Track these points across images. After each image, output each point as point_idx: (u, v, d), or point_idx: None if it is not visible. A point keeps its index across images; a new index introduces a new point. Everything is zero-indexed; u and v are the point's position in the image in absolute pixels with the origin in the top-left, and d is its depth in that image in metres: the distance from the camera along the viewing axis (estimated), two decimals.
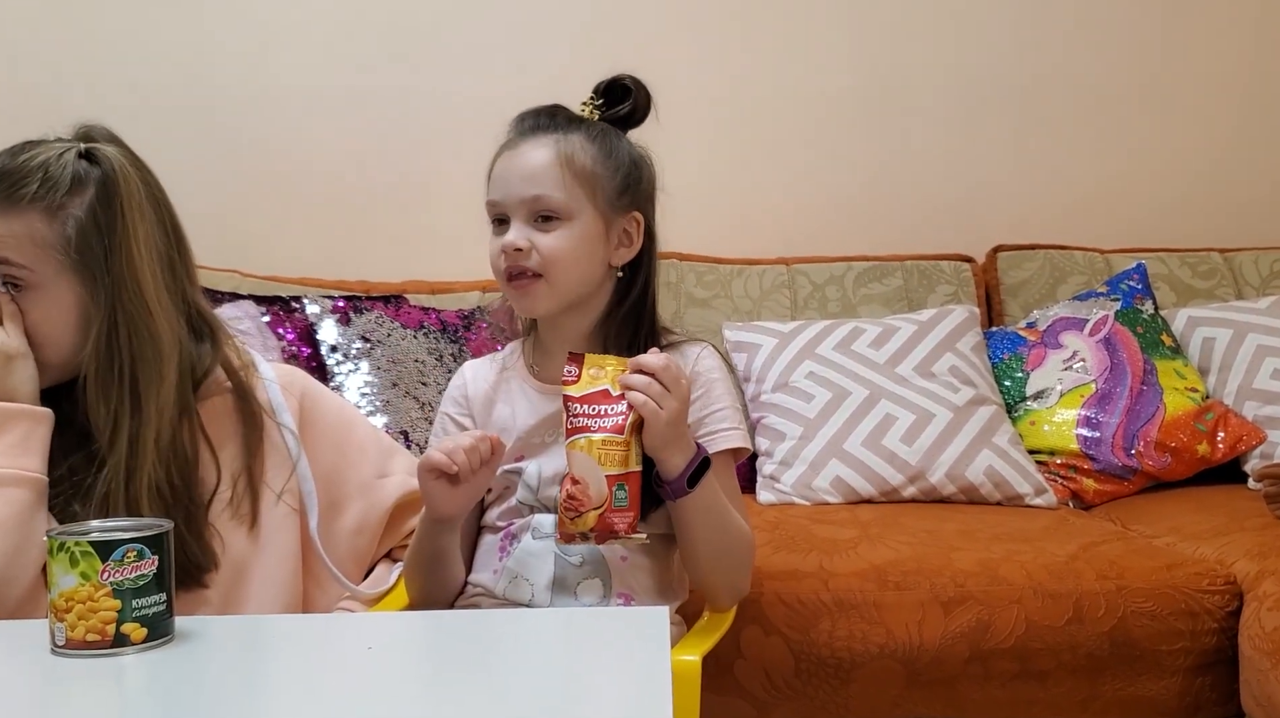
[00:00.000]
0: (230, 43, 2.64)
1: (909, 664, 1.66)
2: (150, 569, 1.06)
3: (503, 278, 1.41)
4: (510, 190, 1.39)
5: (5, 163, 1.31)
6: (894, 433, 2.15)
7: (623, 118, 1.45)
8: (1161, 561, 1.75)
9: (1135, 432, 2.22)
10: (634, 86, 1.45)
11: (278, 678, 1.04)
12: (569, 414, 1.28)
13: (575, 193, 1.38)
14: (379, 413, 2.13)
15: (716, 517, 1.36)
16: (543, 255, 1.37)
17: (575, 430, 1.27)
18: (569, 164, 1.38)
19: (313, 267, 2.42)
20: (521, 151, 1.40)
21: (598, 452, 1.26)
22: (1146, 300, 2.43)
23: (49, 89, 2.58)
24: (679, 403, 1.26)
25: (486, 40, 2.68)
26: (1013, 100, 2.77)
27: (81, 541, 1.04)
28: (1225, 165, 2.80)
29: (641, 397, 1.25)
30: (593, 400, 1.28)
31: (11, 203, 1.29)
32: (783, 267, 2.58)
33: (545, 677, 1.01)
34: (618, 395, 1.27)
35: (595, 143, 1.40)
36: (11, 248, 1.30)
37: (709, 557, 1.39)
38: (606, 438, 1.26)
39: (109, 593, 1.04)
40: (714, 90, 2.70)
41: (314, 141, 2.65)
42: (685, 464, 1.30)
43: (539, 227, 1.38)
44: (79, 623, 1.04)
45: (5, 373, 1.29)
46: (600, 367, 1.29)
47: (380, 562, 1.56)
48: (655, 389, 1.25)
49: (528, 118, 1.43)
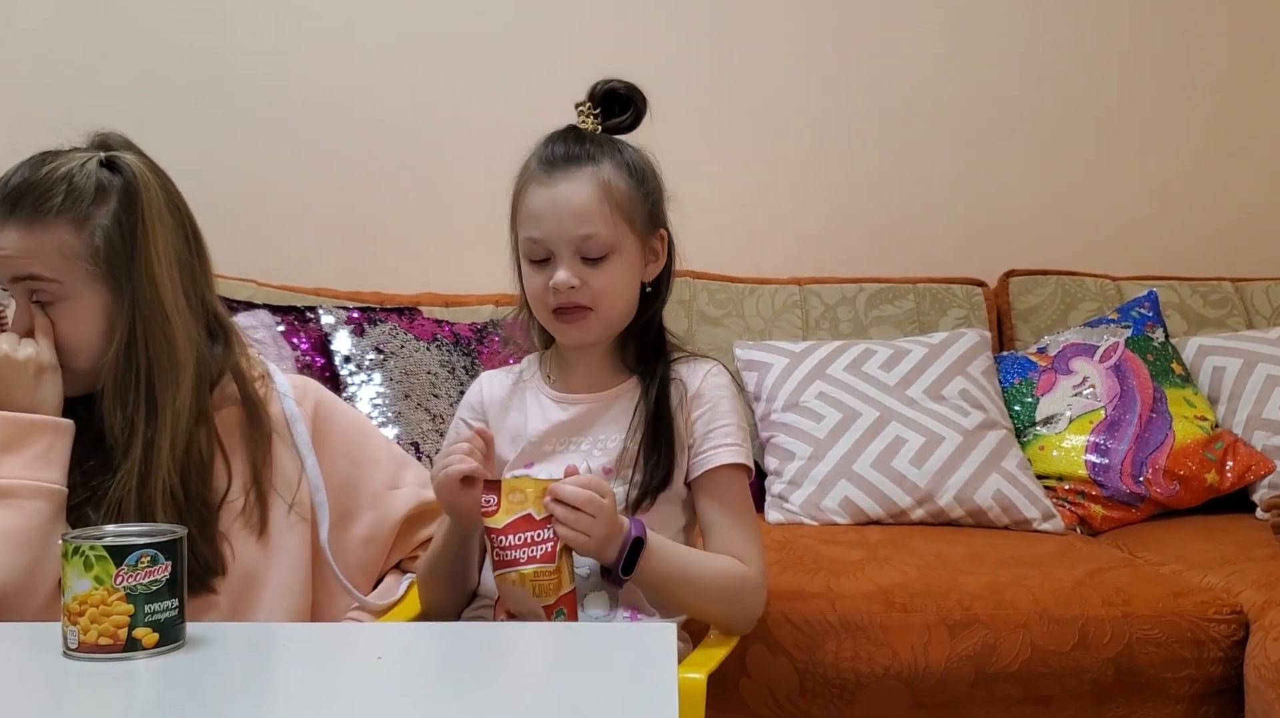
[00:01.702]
0: (248, 54, 2.66)
1: (914, 686, 1.66)
2: (163, 575, 1.07)
3: (547, 312, 1.41)
4: (559, 228, 1.38)
5: (28, 176, 1.32)
6: (903, 455, 2.15)
7: (623, 128, 1.46)
8: (1168, 588, 1.76)
9: (1144, 459, 2.22)
10: (630, 94, 1.45)
11: (287, 686, 1.05)
12: (494, 547, 1.28)
13: (620, 226, 1.39)
14: (391, 424, 2.14)
15: (676, 579, 1.37)
16: (595, 291, 1.38)
17: (504, 564, 1.27)
18: (609, 197, 1.38)
19: (328, 278, 2.44)
20: (561, 189, 1.38)
21: (530, 584, 1.27)
22: (1157, 328, 2.44)
23: (68, 99, 2.60)
24: (605, 525, 1.28)
25: (503, 54, 2.70)
26: (1028, 126, 2.78)
27: (96, 545, 1.05)
28: (1238, 195, 2.81)
29: (568, 531, 1.27)
30: (517, 529, 1.28)
31: (38, 216, 1.30)
32: (795, 287, 2.59)
33: (551, 691, 1.02)
34: (542, 519, 1.27)
35: (624, 170, 1.41)
36: (41, 262, 1.31)
37: (691, 608, 1.41)
38: (538, 569, 1.27)
39: (122, 597, 1.05)
40: (729, 110, 2.71)
41: (331, 154, 2.67)
42: (618, 552, 1.31)
43: (589, 262, 1.38)
44: (91, 627, 1.05)
45: (35, 385, 1.30)
46: (519, 490, 1.29)
47: (389, 573, 1.57)
48: (583, 523, 1.27)
49: (555, 147, 1.41)
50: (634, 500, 1.40)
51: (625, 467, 1.41)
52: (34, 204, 1.31)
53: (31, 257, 1.31)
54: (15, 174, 1.32)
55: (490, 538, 1.28)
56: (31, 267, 1.31)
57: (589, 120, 1.44)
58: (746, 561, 1.42)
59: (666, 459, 1.41)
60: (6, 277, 1.32)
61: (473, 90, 2.70)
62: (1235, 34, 2.80)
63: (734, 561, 1.41)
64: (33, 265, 1.31)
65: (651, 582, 1.36)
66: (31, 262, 1.31)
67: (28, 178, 1.32)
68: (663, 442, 1.41)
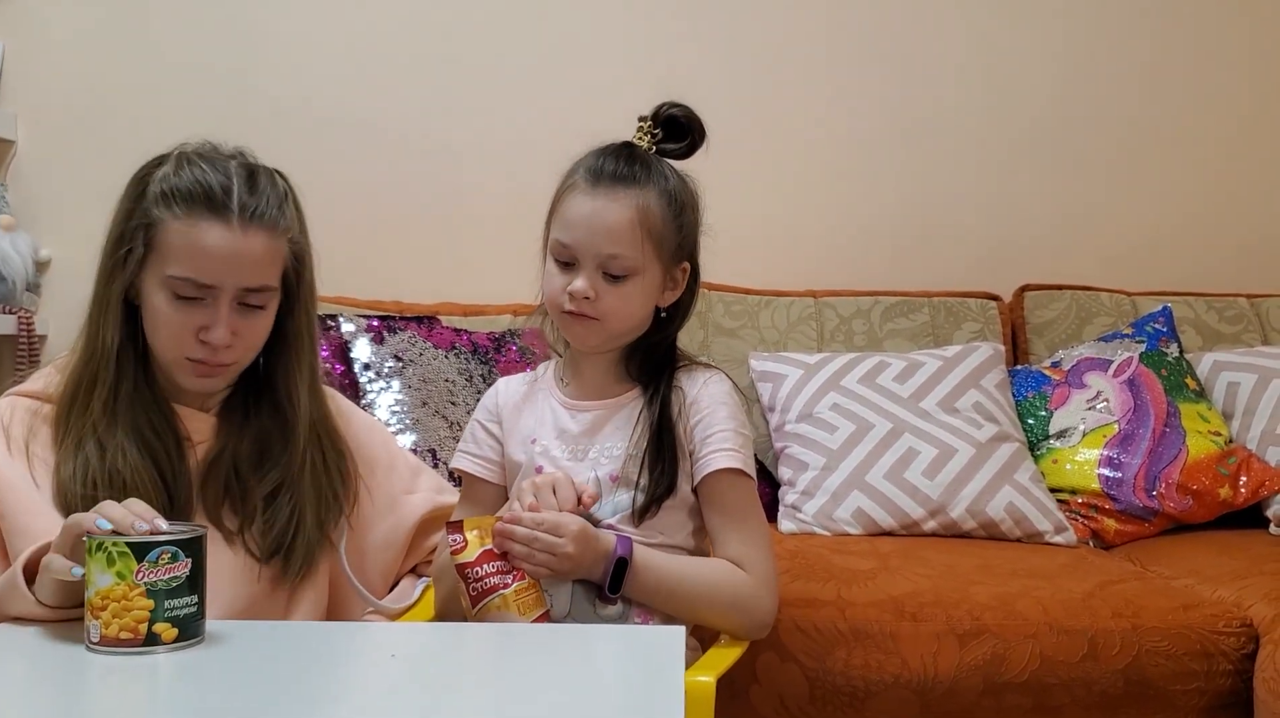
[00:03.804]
0: (270, 69, 2.70)
1: (923, 695, 1.67)
2: (183, 572, 1.10)
3: (558, 309, 1.44)
4: (590, 241, 1.40)
5: (253, 184, 1.35)
6: (916, 467, 2.16)
7: (676, 154, 1.48)
8: (1178, 601, 1.76)
9: (1157, 473, 2.22)
10: (690, 124, 1.47)
11: (301, 682, 1.07)
12: (469, 581, 1.31)
13: (647, 251, 1.42)
14: (408, 431, 2.17)
15: (669, 592, 1.40)
16: (606, 307, 1.42)
17: (484, 594, 1.31)
18: (644, 223, 1.41)
19: (349, 287, 2.46)
20: (601, 204, 1.41)
21: (515, 604, 1.30)
22: (1172, 343, 2.44)
23: (95, 115, 2.65)
24: (569, 559, 1.32)
25: (525, 66, 2.73)
26: (1044, 142, 2.79)
27: (119, 541, 1.09)
28: (1255, 211, 2.81)
29: (529, 566, 1.32)
30: (489, 558, 1.32)
31: (276, 230, 1.35)
32: (810, 299, 2.60)
33: (560, 691, 1.04)
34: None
35: (665, 199, 1.43)
36: (273, 274, 1.36)
37: (690, 618, 1.43)
38: (518, 587, 1.31)
39: (143, 593, 1.08)
40: (748, 123, 2.73)
41: (354, 164, 2.70)
42: (604, 572, 1.35)
43: (609, 279, 1.41)
44: (113, 621, 1.08)
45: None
46: (478, 527, 1.33)
47: (404, 576, 1.59)
48: (539, 558, 1.31)
49: (607, 162, 1.43)
50: (641, 508, 1.42)
51: (631, 475, 1.44)
52: (273, 219, 1.35)
53: (261, 268, 1.34)
54: (231, 174, 1.34)
55: (465, 573, 1.32)
56: (261, 279, 1.35)
57: (645, 138, 1.47)
58: (748, 565, 1.42)
59: (671, 467, 1.43)
60: (240, 284, 1.33)
61: (493, 104, 2.73)
62: (1252, 50, 2.80)
63: (731, 567, 1.42)
64: (263, 278, 1.35)
65: (644, 597, 1.39)
66: (261, 274, 1.35)
67: (252, 185, 1.35)
68: (666, 450, 1.44)
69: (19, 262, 2.52)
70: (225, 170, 1.34)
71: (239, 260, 1.32)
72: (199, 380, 1.37)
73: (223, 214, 1.31)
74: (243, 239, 1.32)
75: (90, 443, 1.33)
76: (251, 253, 1.32)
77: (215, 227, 1.31)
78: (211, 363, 1.35)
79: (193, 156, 1.35)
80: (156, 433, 1.36)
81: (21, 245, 2.55)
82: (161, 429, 1.37)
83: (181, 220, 1.31)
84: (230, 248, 1.31)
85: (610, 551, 1.36)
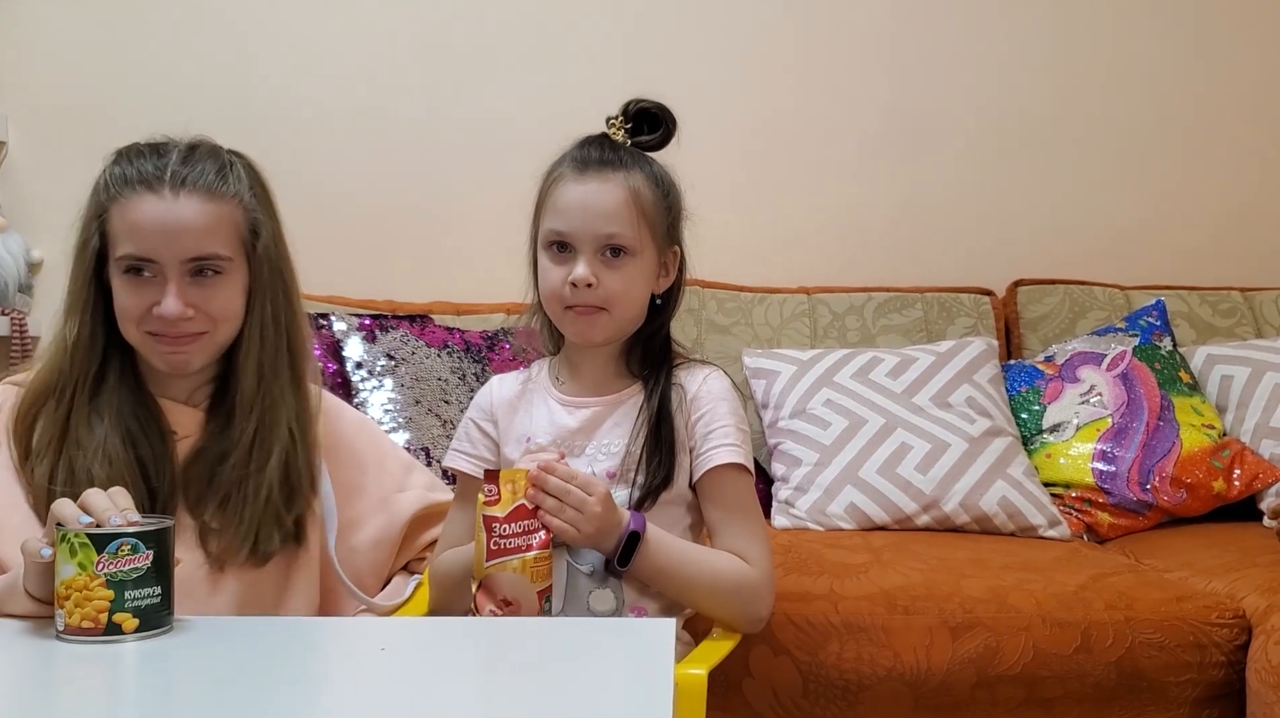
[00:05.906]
0: (266, 66, 2.71)
1: (916, 688, 1.67)
2: (144, 563, 1.11)
3: (560, 306, 1.44)
4: (586, 225, 1.41)
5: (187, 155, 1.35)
6: (909, 462, 2.16)
7: (651, 146, 1.49)
8: (1171, 593, 1.76)
9: (1151, 467, 2.22)
10: (662, 115, 1.48)
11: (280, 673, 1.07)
12: (494, 535, 1.31)
13: (642, 231, 1.42)
14: (401, 429, 2.17)
15: (675, 573, 1.40)
16: (609, 291, 1.41)
17: (505, 552, 1.30)
18: (637, 203, 1.42)
19: (341, 285, 2.47)
20: (592, 188, 1.42)
21: (530, 570, 1.30)
22: (1165, 337, 2.44)
23: (93, 111, 2.65)
24: (593, 519, 1.32)
25: (516, 65, 2.73)
26: (1037, 137, 2.80)
27: (80, 532, 1.10)
28: (1247, 205, 2.82)
29: (558, 522, 1.31)
30: (518, 517, 1.31)
31: (216, 194, 1.34)
32: (803, 295, 2.60)
33: (549, 684, 1.04)
34: (536, 508, 1.32)
35: (652, 181, 1.45)
36: (220, 242, 1.34)
37: (692, 602, 1.44)
38: (538, 555, 1.31)
39: (103, 583, 1.10)
40: (740, 120, 2.74)
41: (346, 164, 2.71)
42: (615, 545, 1.35)
43: (607, 262, 1.41)
44: (75, 611, 1.10)
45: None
46: (513, 480, 1.33)
47: (396, 574, 1.59)
48: (567, 513, 1.32)
49: (591, 150, 1.45)
50: (636, 502, 1.42)
51: (629, 470, 1.44)
52: (217, 182, 1.34)
53: (211, 235, 1.33)
54: (170, 153, 1.34)
55: (491, 526, 1.30)
56: (212, 246, 1.33)
57: (619, 134, 1.48)
58: (750, 559, 1.43)
59: (667, 461, 1.43)
60: (182, 254, 1.32)
61: (486, 102, 2.73)
62: (1246, 44, 2.81)
63: (736, 558, 1.43)
64: (213, 245, 1.34)
65: (650, 575, 1.39)
66: (211, 240, 1.33)
67: (188, 156, 1.35)
68: (663, 444, 1.44)
69: (11, 263, 2.53)
70: (164, 150, 1.35)
71: (173, 228, 1.31)
72: (168, 357, 1.35)
73: (155, 186, 1.32)
74: (174, 205, 1.31)
75: (70, 436, 1.33)
76: (185, 219, 1.32)
77: (147, 197, 1.31)
78: (172, 335, 1.34)
79: (140, 145, 1.36)
80: (141, 426, 1.36)
81: (13, 246, 2.56)
82: (146, 422, 1.36)
83: (120, 202, 1.32)
84: (162, 216, 1.31)
85: (624, 523, 1.36)
